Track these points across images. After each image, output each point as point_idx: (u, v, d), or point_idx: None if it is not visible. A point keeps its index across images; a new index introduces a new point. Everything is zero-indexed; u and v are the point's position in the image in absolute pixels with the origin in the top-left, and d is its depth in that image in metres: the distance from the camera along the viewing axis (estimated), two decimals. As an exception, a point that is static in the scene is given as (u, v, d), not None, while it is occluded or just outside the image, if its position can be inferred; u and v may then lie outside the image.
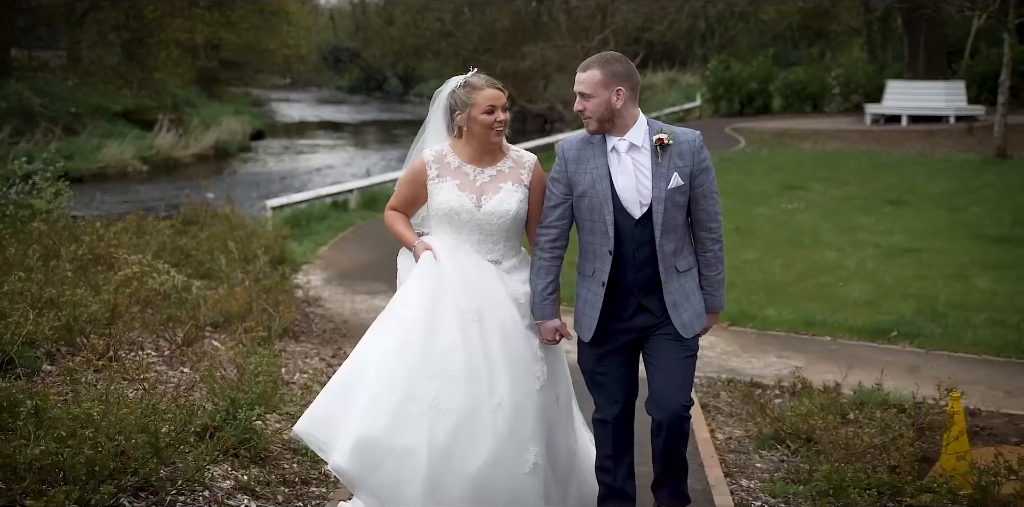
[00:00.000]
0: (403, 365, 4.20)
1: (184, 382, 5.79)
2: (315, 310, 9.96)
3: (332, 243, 14.02)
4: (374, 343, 4.34)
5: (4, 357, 4.99)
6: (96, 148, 30.11)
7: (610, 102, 4.23)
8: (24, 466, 3.37)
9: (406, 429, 4.11)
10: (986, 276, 10.99)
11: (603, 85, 4.23)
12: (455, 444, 4.12)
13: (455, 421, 4.13)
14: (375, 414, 4.13)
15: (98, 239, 7.63)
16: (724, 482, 5.26)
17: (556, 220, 4.37)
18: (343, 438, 4.15)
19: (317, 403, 4.34)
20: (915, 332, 8.76)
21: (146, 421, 3.94)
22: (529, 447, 4.26)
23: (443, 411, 4.14)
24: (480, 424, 4.17)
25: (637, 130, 4.28)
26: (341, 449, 4.13)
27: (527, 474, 4.23)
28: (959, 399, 5.42)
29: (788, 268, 11.55)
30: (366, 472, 4.12)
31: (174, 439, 4.01)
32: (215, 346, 7.06)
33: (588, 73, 4.26)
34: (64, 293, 5.94)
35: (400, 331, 4.27)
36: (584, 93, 4.27)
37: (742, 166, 20.89)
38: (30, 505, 3.19)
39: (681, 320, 4.31)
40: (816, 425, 5.65)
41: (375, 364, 4.25)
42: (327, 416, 4.24)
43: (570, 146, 4.40)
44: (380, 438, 4.10)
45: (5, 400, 3.81)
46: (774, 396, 7.05)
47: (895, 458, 4.97)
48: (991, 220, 14.45)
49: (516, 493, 4.22)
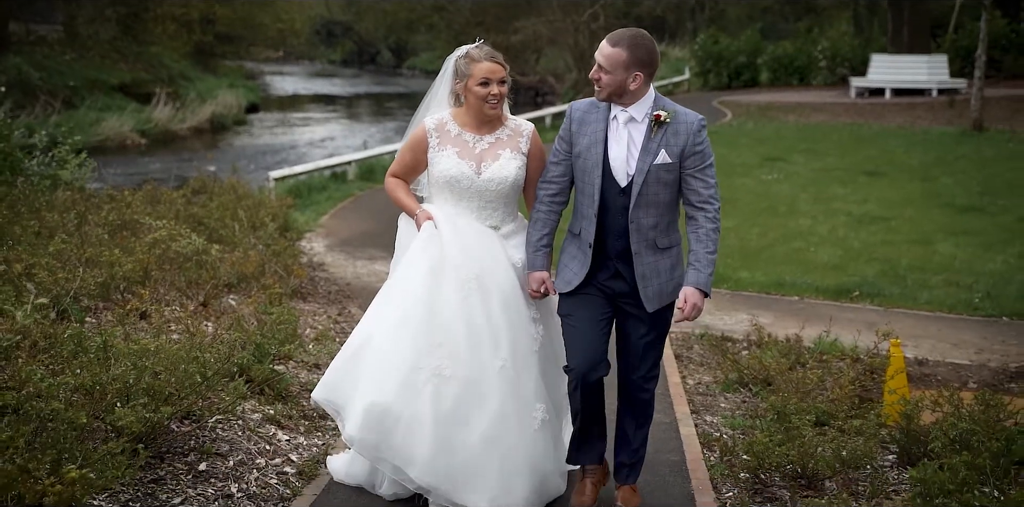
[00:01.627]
0: (406, 337, 4.30)
1: (210, 333, 6.48)
2: (320, 274, 10.64)
3: (332, 212, 14.67)
4: (379, 315, 4.44)
5: (59, 308, 5.69)
6: (95, 122, 30.46)
7: (625, 82, 4.27)
8: (100, 388, 4.06)
9: (412, 397, 4.22)
10: (949, 242, 11.71)
11: (623, 66, 4.25)
12: (460, 408, 4.25)
13: (459, 387, 4.26)
14: (381, 386, 4.24)
15: (126, 206, 8.30)
16: (690, 417, 5.98)
17: (558, 176, 4.48)
18: (353, 409, 4.27)
19: (329, 372, 4.46)
20: (876, 292, 9.49)
21: (195, 354, 4.64)
22: (535, 404, 4.41)
23: (447, 378, 4.26)
24: (486, 386, 4.29)
25: (641, 105, 4.33)
26: (352, 420, 4.25)
27: (537, 430, 4.39)
28: (899, 345, 6.17)
29: (764, 235, 12.26)
30: (378, 440, 4.22)
31: (217, 371, 4.71)
32: (231, 304, 7.77)
33: (615, 50, 4.26)
34: (102, 254, 6.62)
35: (403, 304, 4.37)
36: (603, 66, 4.29)
37: (727, 139, 21.51)
38: (107, 418, 3.89)
39: (646, 293, 4.36)
40: (771, 368, 6.38)
41: (379, 336, 4.35)
42: (338, 386, 4.36)
43: (579, 107, 4.48)
44: (388, 408, 4.20)
45: (77, 337, 4.53)
46: (742, 348, 7.77)
47: (835, 393, 5.70)
48: (961, 190, 15.16)
49: (530, 450, 4.35)
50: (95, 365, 4.21)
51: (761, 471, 4.86)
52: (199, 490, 4.37)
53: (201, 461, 4.63)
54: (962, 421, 4.71)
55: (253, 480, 4.61)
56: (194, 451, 4.69)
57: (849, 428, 5.01)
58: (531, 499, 4.36)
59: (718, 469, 5.07)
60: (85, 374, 4.03)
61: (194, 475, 4.50)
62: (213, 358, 4.74)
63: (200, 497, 4.32)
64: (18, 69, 28.77)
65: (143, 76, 36.56)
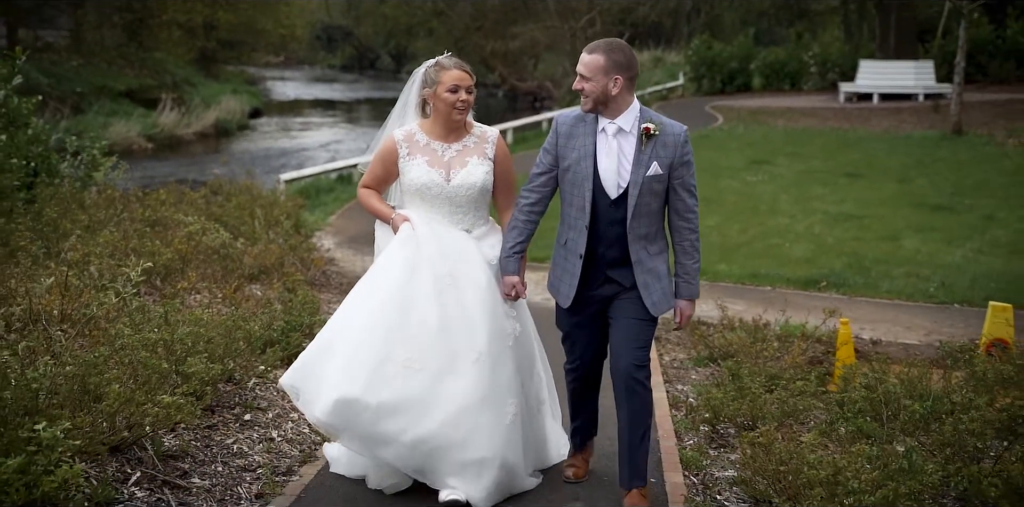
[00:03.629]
0: (379, 329, 4.38)
1: (240, 316, 7.35)
2: (331, 268, 11.50)
3: (340, 212, 15.55)
4: (355, 307, 4.52)
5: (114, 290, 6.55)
6: (103, 126, 31.22)
7: (607, 88, 4.39)
8: (170, 345, 4.93)
9: (382, 387, 4.30)
10: (915, 238, 12.59)
11: (603, 71, 4.39)
12: (428, 397, 4.34)
13: (429, 378, 4.35)
14: (353, 374, 4.30)
15: (160, 203, 9.17)
16: (662, 385, 6.84)
17: (539, 186, 4.61)
18: (324, 395, 4.32)
19: (301, 359, 4.53)
20: (842, 282, 10.37)
21: (241, 323, 5.51)
22: (508, 399, 4.50)
23: (417, 370, 4.35)
24: (457, 377, 4.38)
25: (628, 115, 4.45)
26: (323, 406, 4.31)
27: (509, 424, 4.48)
28: (847, 323, 7.06)
29: (744, 232, 13.14)
30: (346, 425, 4.33)
31: (259, 337, 5.57)
32: (254, 293, 8.63)
33: (592, 56, 4.41)
34: (144, 245, 7.48)
35: (378, 297, 4.46)
36: (584, 75, 4.43)
37: (716, 143, 22.39)
38: (178, 368, 4.76)
39: (652, 299, 4.51)
40: (735, 344, 7.24)
41: (354, 327, 4.43)
42: (310, 373, 4.43)
43: (564, 120, 4.59)
44: (358, 397, 4.27)
45: (142, 309, 5.40)
46: (714, 331, 8.63)
47: (787, 362, 6.57)
48: (934, 191, 16.04)
49: (499, 442, 4.43)
50: (162, 329, 5.08)
51: (717, 423, 5.72)
52: (246, 435, 5.24)
53: (245, 413, 5.50)
54: (887, 384, 5.56)
55: (289, 429, 5.46)
56: (239, 405, 5.56)
57: (794, 388, 5.87)
58: (493, 490, 4.43)
59: (682, 423, 5.93)
60: (158, 334, 4.90)
61: (240, 423, 5.37)
62: (257, 326, 5.60)
63: (247, 439, 5.18)
64: (27, 75, 29.60)
65: (148, 82, 37.36)
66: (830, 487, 3.59)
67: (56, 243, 7.26)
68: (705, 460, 5.23)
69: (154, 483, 4.39)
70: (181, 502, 4.32)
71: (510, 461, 4.50)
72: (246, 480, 4.71)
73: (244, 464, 4.88)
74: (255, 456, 4.99)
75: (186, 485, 4.47)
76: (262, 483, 4.66)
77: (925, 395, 5.36)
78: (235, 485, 4.62)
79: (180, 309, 5.77)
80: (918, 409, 4.67)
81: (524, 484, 4.66)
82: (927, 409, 4.67)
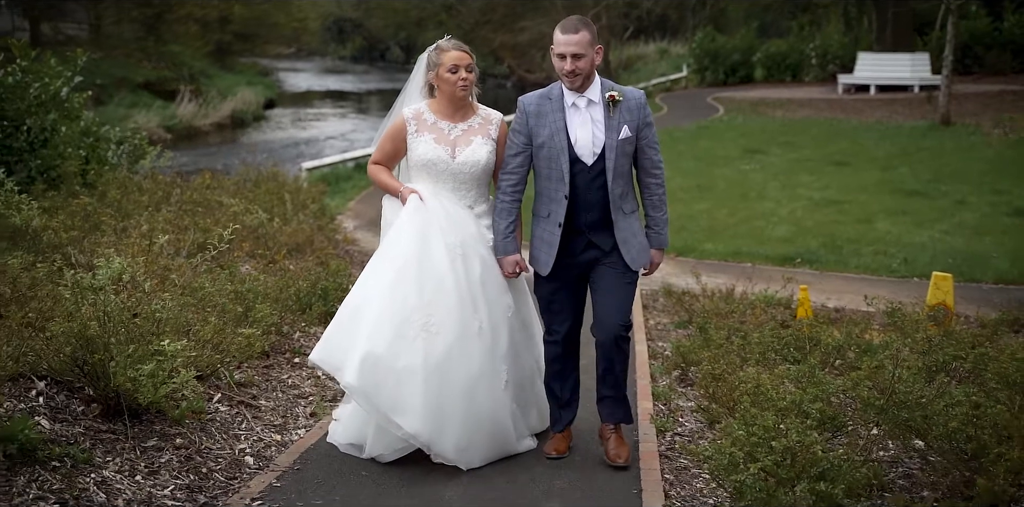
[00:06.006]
0: (399, 294, 4.61)
1: (290, 276, 8.48)
2: (353, 248, 12.65)
3: (358, 198, 16.71)
4: (374, 278, 4.75)
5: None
6: (124, 118, 32.31)
7: (593, 61, 4.69)
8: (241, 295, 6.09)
9: (404, 349, 4.55)
10: (888, 221, 13.69)
11: (591, 45, 4.66)
12: (448, 362, 4.60)
13: (447, 342, 4.59)
14: (377, 338, 4.55)
15: (205, 187, 10.34)
16: (644, 341, 7.97)
17: (517, 167, 4.87)
18: (351, 359, 4.57)
19: (327, 334, 4.78)
20: (815, 259, 11.49)
21: (291, 282, 6.66)
22: (502, 366, 4.80)
23: (435, 334, 4.59)
24: (469, 343, 4.65)
25: (596, 87, 4.77)
26: (351, 369, 4.56)
27: (503, 390, 4.79)
28: (806, 289, 8.21)
29: (732, 215, 14.24)
30: (373, 389, 4.55)
31: (307, 293, 6.72)
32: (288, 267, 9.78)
33: (580, 35, 4.64)
34: (197, 222, 8.63)
35: (395, 266, 4.68)
36: (578, 54, 4.63)
37: (714, 133, 23.44)
38: (250, 314, 5.93)
39: (631, 255, 4.83)
40: (710, 309, 8.37)
41: (375, 297, 4.65)
42: (337, 345, 4.69)
43: (530, 101, 4.82)
44: (382, 357, 4.52)
45: (210, 271, 6.58)
46: (695, 300, 9.75)
47: (751, 320, 7.69)
48: (913, 178, 17.10)
49: (495, 407, 4.76)
50: (233, 283, 6.25)
51: (687, 368, 6.84)
52: (297, 373, 6.39)
53: (295, 357, 6.64)
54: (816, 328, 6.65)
55: (332, 371, 6.62)
56: (288, 351, 6.71)
57: (752, 339, 6.99)
58: (489, 454, 4.80)
59: (657, 369, 7.06)
60: (231, 287, 6.06)
61: (291, 365, 6.52)
62: (305, 284, 6.76)
63: (298, 376, 6.34)
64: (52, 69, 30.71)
65: (166, 74, 38.45)
66: (755, 397, 4.68)
67: (121, 220, 8.39)
68: (673, 395, 6.35)
69: (232, 402, 5.55)
70: (255, 416, 5.48)
71: (504, 425, 4.81)
72: (300, 404, 5.86)
73: (298, 393, 6.03)
74: (306, 388, 6.15)
75: (256, 404, 5.63)
76: (314, 406, 5.81)
77: (859, 343, 6.49)
78: (293, 407, 5.78)
79: (237, 273, 6.92)
80: (830, 341, 5.79)
81: (517, 447, 4.95)
82: (838, 342, 5.78)
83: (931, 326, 7.08)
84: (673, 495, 4.60)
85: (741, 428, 4.08)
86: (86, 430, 4.59)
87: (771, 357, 6.00)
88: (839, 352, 5.86)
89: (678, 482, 4.81)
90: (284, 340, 6.89)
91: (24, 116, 10.04)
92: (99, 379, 4.58)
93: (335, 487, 4.54)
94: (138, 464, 4.48)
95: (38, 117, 10.12)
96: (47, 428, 4.44)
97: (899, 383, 4.41)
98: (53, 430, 4.46)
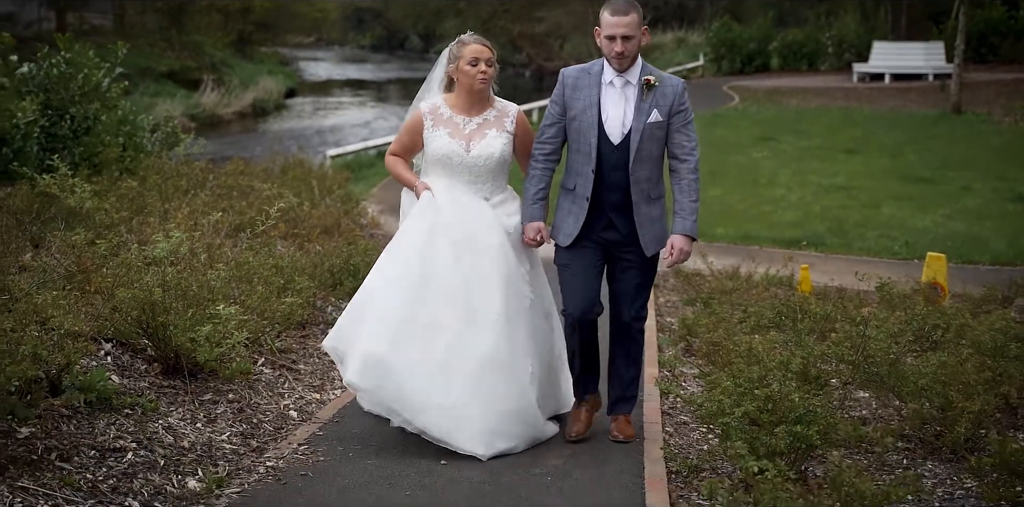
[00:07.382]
0: (403, 290, 4.72)
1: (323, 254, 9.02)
2: (377, 231, 13.21)
3: (381, 185, 17.27)
4: (381, 271, 4.89)
5: (218, 238, 8.29)
6: (148, 106, 32.88)
7: (640, 42, 4.79)
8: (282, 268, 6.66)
9: (406, 347, 4.64)
10: (894, 206, 14.15)
11: (639, 26, 4.74)
12: (451, 357, 4.68)
13: (451, 337, 4.68)
14: (378, 336, 4.66)
15: (239, 173, 10.93)
16: (654, 316, 8.49)
17: (551, 137, 4.97)
18: (353, 356, 4.70)
19: (339, 323, 4.93)
20: (820, 242, 11.97)
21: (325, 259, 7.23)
22: (526, 359, 4.84)
23: (439, 329, 4.69)
24: (477, 337, 4.71)
25: (635, 70, 4.83)
26: (352, 367, 4.69)
27: (528, 384, 4.84)
28: (807, 269, 8.71)
29: (743, 201, 14.74)
30: (374, 386, 4.69)
31: (341, 268, 7.29)
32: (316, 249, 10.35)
33: (631, 17, 4.70)
34: (233, 205, 9.20)
35: (401, 263, 4.81)
36: (628, 35, 4.70)
37: (729, 121, 23.85)
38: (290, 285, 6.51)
39: (645, 240, 4.88)
40: (716, 287, 8.89)
41: (381, 290, 4.79)
42: (345, 336, 4.84)
43: (570, 73, 4.94)
44: (382, 357, 4.62)
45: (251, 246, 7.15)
46: (705, 280, 10.27)
47: (754, 296, 8.21)
48: (922, 165, 17.53)
49: (521, 400, 4.81)
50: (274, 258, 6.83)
51: (692, 339, 7.36)
52: (331, 342, 6.94)
53: (328, 328, 7.18)
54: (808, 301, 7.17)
55: (362, 340, 7.17)
56: (322, 323, 7.27)
57: (753, 312, 7.50)
58: (519, 445, 4.82)
59: (664, 341, 7.58)
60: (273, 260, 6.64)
61: (325, 335, 7.03)
62: (339, 260, 7.33)
63: (333, 345, 6.89)
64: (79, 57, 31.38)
65: (189, 63, 39.05)
66: (747, 358, 5.20)
67: (164, 203, 8.96)
68: (678, 363, 6.88)
69: (274, 365, 6.12)
70: (296, 378, 6.05)
71: (532, 417, 4.87)
72: (335, 370, 6.41)
73: (332, 360, 6.58)
74: (340, 355, 6.70)
75: (296, 369, 6.19)
76: (348, 371, 6.36)
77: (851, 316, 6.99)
78: (329, 372, 6.34)
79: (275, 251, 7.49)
80: (819, 311, 6.32)
81: (543, 434, 4.99)
82: (827, 312, 6.31)
83: (922, 301, 7.60)
84: (672, 443, 5.14)
85: (729, 380, 4.61)
86: (150, 385, 5.18)
87: (765, 325, 6.51)
88: (828, 321, 6.38)
89: (677, 434, 5.36)
90: (318, 313, 7.45)
91: (68, 105, 10.65)
92: (161, 340, 5.15)
93: (372, 436, 5.09)
94: (198, 414, 5.06)
95: (81, 106, 10.72)
96: (117, 382, 5.01)
97: (871, 341, 4.93)
98: (122, 384, 5.04)
